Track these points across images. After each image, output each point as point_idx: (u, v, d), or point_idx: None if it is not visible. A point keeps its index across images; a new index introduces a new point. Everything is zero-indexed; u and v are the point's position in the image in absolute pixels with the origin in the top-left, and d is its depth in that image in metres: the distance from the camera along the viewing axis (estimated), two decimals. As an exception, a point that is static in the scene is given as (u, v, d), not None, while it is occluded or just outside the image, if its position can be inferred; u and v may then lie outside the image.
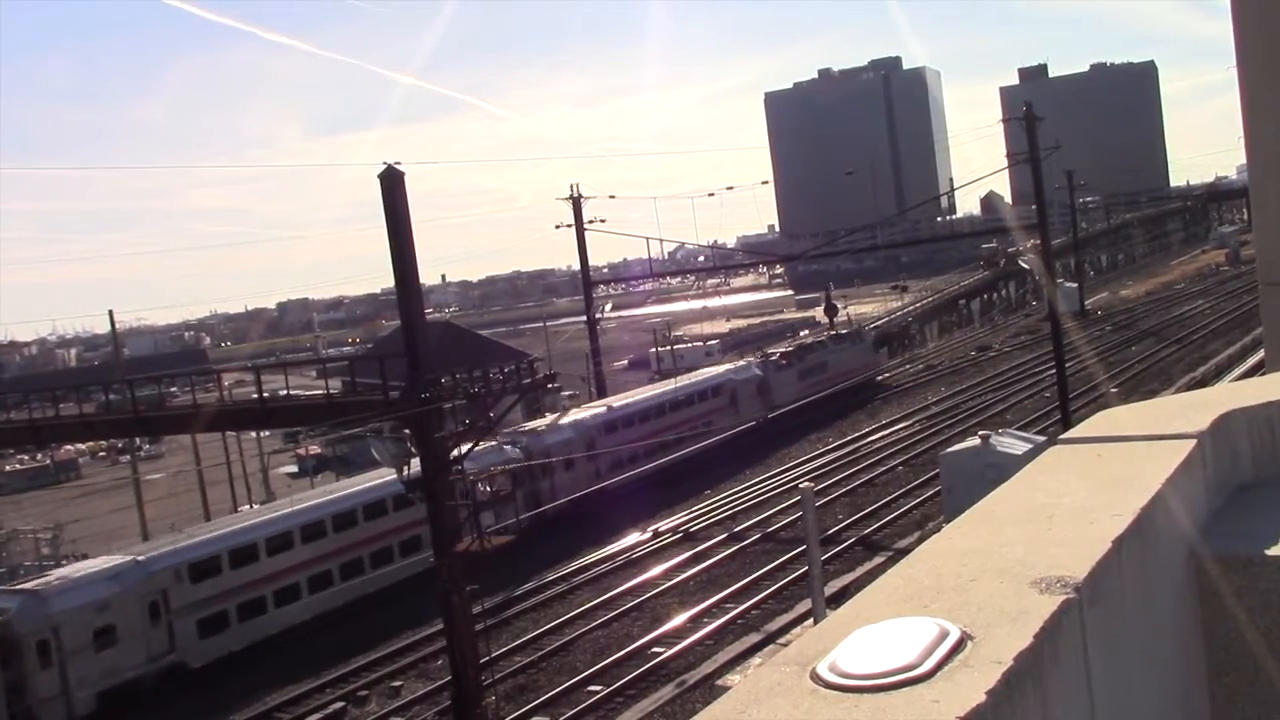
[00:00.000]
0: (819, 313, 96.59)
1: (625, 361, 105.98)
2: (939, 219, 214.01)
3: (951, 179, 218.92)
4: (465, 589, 24.27)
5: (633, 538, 36.61)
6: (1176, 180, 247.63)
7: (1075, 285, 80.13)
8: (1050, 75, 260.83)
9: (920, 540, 19.01)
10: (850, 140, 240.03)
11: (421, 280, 27.72)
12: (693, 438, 46.89)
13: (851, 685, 1.74)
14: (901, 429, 47.49)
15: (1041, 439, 27.80)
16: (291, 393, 34.52)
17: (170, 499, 51.92)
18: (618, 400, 49.77)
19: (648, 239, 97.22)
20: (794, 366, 56.33)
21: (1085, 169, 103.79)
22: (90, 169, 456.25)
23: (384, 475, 33.02)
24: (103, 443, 78.24)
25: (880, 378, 63.99)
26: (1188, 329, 63.37)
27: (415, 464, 26.06)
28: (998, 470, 17.92)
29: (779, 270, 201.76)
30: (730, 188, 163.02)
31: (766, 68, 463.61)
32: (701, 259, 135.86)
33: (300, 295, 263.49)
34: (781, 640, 24.72)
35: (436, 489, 24.45)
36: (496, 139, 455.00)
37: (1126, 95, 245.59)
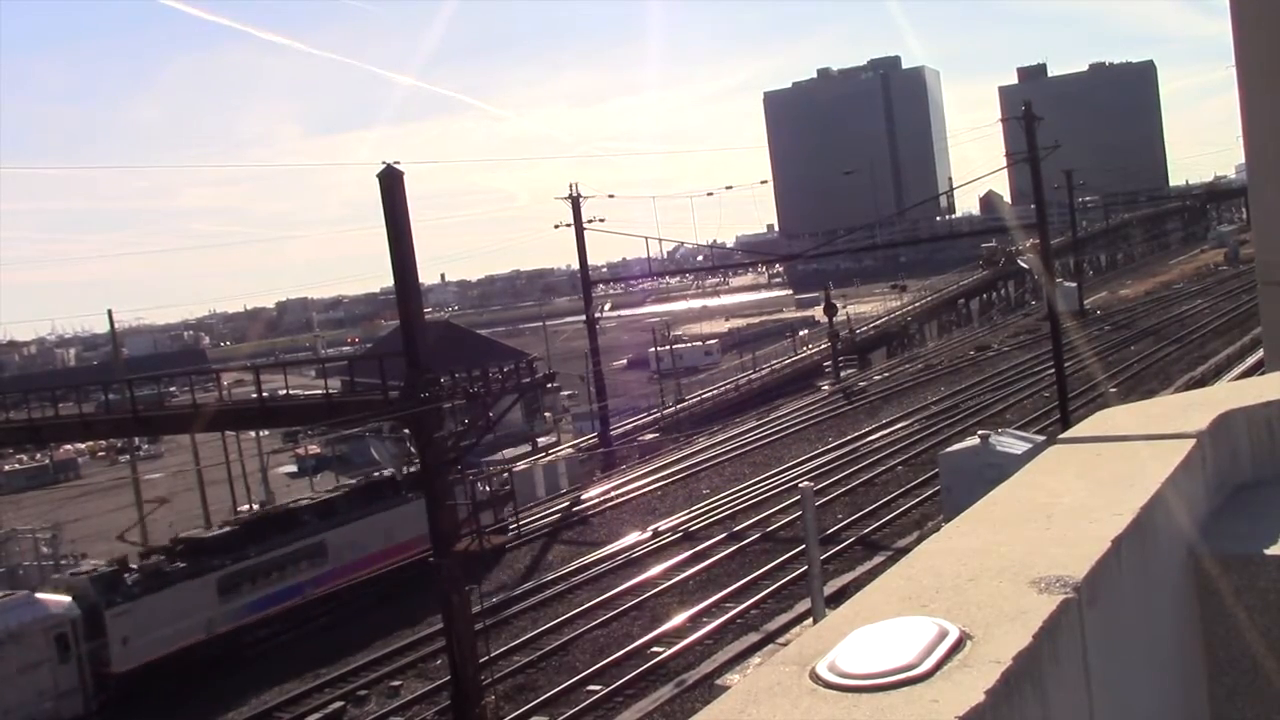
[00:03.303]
0: (818, 312, 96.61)
1: (624, 361, 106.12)
2: (938, 218, 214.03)
3: (950, 178, 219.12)
4: (464, 588, 24.29)
5: (632, 537, 36.61)
6: (1175, 180, 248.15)
7: (1074, 285, 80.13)
8: (1049, 75, 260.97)
9: (919, 540, 19.02)
10: (849, 140, 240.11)
11: (420, 279, 27.74)
12: None
13: (851, 685, 1.74)
14: (901, 429, 47.47)
15: (1040, 438, 27.81)
16: (291, 392, 34.52)
17: (169, 498, 51.94)
18: None
19: (647, 238, 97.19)
20: (175, 585, 29.49)
21: (1084, 169, 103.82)
22: (89, 169, 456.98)
23: None
24: (102, 442, 78.21)
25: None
26: (1187, 328, 63.39)
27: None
28: (997, 470, 17.91)
29: (778, 270, 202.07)
30: (729, 187, 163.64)
31: (766, 67, 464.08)
32: (701, 258, 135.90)
33: (299, 295, 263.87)
34: (781, 640, 24.71)
35: (436, 488, 24.46)
36: (495, 138, 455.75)
37: (1126, 95, 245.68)
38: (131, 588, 28.86)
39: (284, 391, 34.34)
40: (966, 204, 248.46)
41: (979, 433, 27.41)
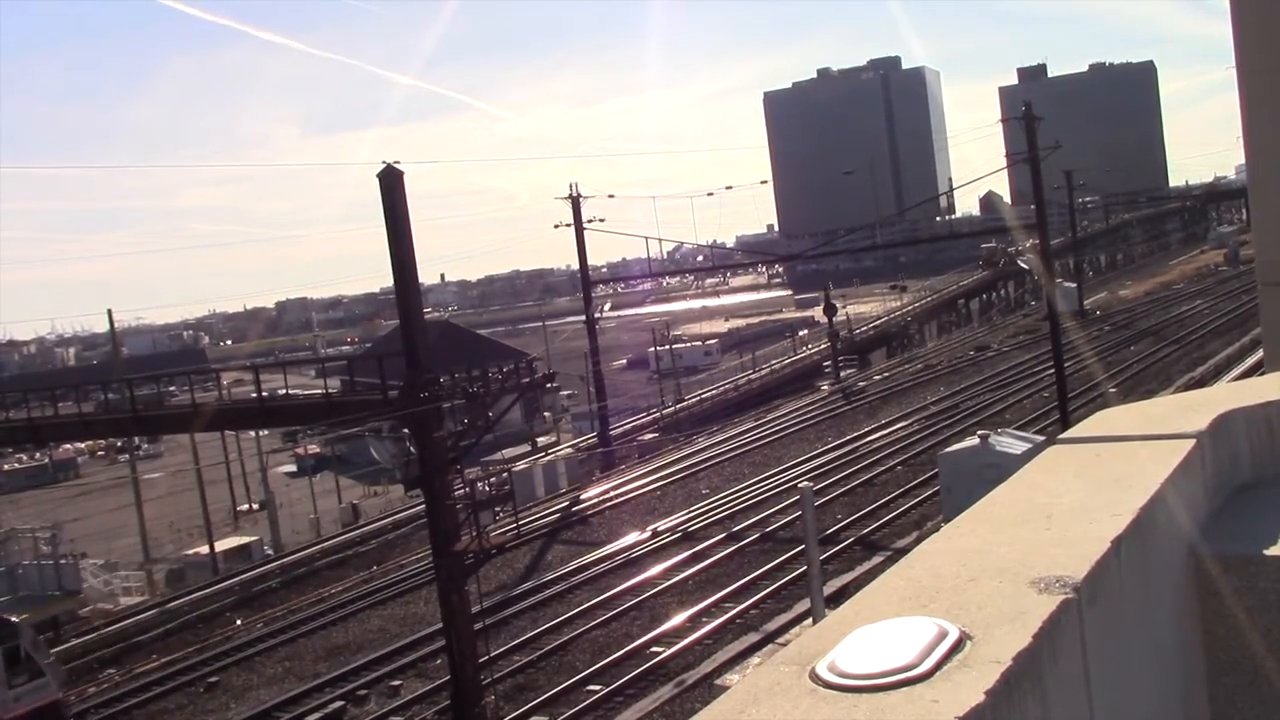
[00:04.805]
0: (818, 312, 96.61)
1: (624, 361, 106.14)
2: (938, 219, 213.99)
3: (950, 179, 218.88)
4: (464, 588, 24.29)
5: (632, 537, 36.61)
6: (1175, 180, 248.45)
7: (1074, 285, 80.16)
8: (1049, 75, 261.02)
9: (919, 540, 18.99)
10: (850, 140, 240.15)
11: (420, 279, 27.72)
12: None
13: (850, 685, 1.74)
14: (900, 429, 47.45)
15: (1040, 439, 27.77)
16: (290, 392, 34.46)
17: (169, 498, 51.99)
18: None
19: (647, 238, 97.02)
20: None
21: (1084, 169, 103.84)
22: (89, 169, 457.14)
23: None
24: (101, 442, 78.27)
25: None
26: (1186, 329, 63.38)
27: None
28: (996, 470, 17.90)
29: (778, 270, 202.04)
30: (729, 187, 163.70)
31: (766, 67, 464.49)
32: (700, 258, 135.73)
33: (299, 294, 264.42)
34: (780, 640, 24.70)
35: (436, 488, 24.46)
36: (495, 138, 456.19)
37: (1126, 95, 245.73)
38: None
39: (283, 391, 34.28)
40: (966, 204, 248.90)
41: (978, 433, 27.36)
